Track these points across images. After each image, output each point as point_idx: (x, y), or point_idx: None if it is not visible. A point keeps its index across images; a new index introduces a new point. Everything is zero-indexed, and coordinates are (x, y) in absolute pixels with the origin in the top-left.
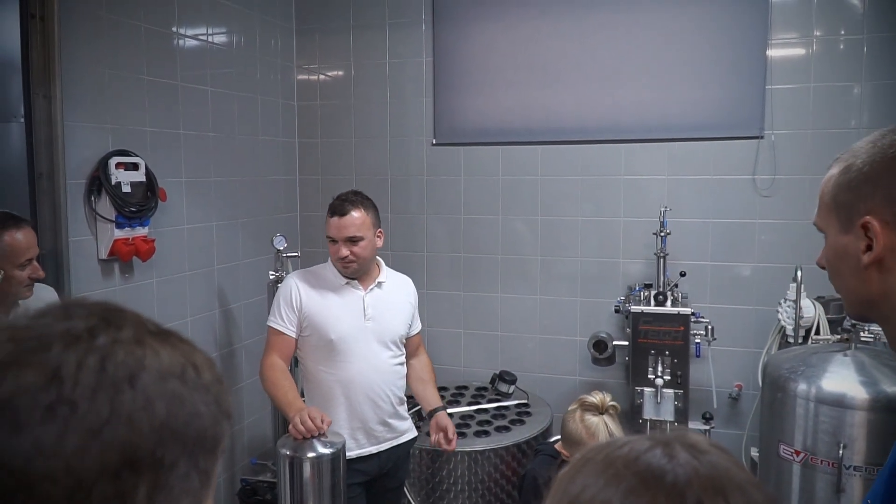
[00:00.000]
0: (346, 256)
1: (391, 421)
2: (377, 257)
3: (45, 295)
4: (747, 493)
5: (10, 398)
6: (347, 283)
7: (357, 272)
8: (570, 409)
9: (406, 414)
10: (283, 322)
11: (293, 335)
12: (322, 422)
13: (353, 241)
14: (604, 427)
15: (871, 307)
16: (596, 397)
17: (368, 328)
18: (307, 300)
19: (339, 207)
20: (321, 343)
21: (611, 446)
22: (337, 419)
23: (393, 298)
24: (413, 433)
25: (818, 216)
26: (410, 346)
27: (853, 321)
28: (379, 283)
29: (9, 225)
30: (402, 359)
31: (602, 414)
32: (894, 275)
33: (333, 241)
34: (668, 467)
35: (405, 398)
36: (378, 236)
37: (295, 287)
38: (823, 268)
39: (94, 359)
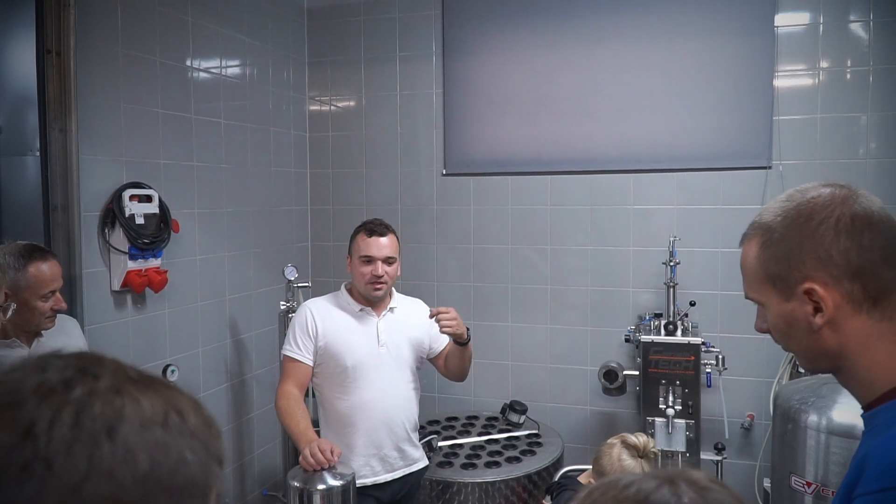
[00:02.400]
0: (383, 276)
1: (405, 447)
2: None
3: (68, 326)
4: None
5: None
6: (361, 310)
7: (383, 296)
8: (608, 442)
9: (418, 442)
10: (300, 350)
11: (309, 363)
12: (332, 453)
13: (389, 262)
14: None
15: (828, 360)
16: (639, 439)
17: (383, 354)
18: (323, 327)
19: (377, 228)
20: (337, 370)
21: (617, 487)
22: (353, 446)
23: (406, 323)
24: (425, 461)
25: (751, 291)
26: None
27: None
28: (391, 308)
29: (35, 256)
30: (416, 384)
31: (641, 458)
32: (844, 328)
33: (368, 261)
34: None
35: (418, 425)
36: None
37: (310, 314)
38: (764, 331)
39: (69, 412)
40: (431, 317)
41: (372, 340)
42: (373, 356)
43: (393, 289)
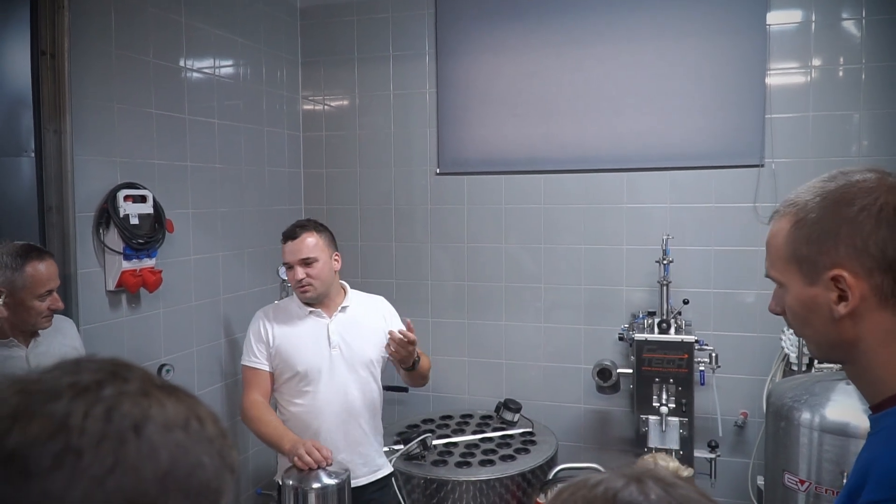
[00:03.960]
0: (303, 279)
1: (366, 452)
2: (342, 282)
3: (64, 326)
4: None
5: (19, 448)
6: (311, 313)
7: (316, 297)
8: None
9: (381, 447)
10: (258, 358)
11: (269, 369)
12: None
13: (307, 263)
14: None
15: (842, 350)
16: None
17: (335, 356)
18: (274, 334)
19: (290, 232)
20: (289, 375)
21: (587, 486)
22: None
23: (362, 322)
24: (388, 468)
25: (774, 269)
26: None
27: None
28: (343, 307)
29: (32, 256)
30: (376, 384)
31: None
32: (866, 321)
33: (289, 266)
34: None
35: (380, 428)
36: (335, 259)
37: (262, 321)
38: (778, 314)
39: (101, 409)
40: (393, 338)
41: (322, 343)
42: (324, 359)
43: (347, 286)
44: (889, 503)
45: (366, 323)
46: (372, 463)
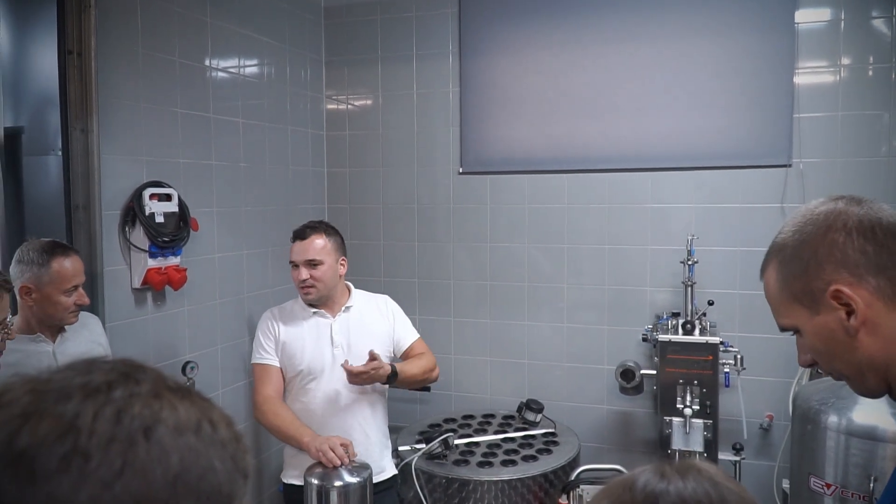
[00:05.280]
0: (306, 280)
1: (362, 451)
2: (347, 283)
3: (90, 322)
4: None
5: (27, 449)
6: (315, 313)
7: (317, 299)
8: None
9: (385, 450)
10: (269, 354)
11: (280, 365)
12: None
13: (312, 264)
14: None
15: (877, 372)
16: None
17: (338, 356)
18: (280, 330)
19: (300, 232)
20: (292, 374)
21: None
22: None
23: (365, 321)
24: (392, 471)
25: (781, 317)
26: (417, 353)
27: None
28: (347, 308)
29: (57, 252)
30: (378, 385)
31: None
32: (883, 328)
33: (294, 266)
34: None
35: (385, 429)
36: (341, 264)
37: (270, 319)
38: (811, 365)
39: (111, 410)
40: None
41: (325, 342)
42: (326, 358)
43: (351, 286)
44: None
45: (369, 322)
46: (374, 465)
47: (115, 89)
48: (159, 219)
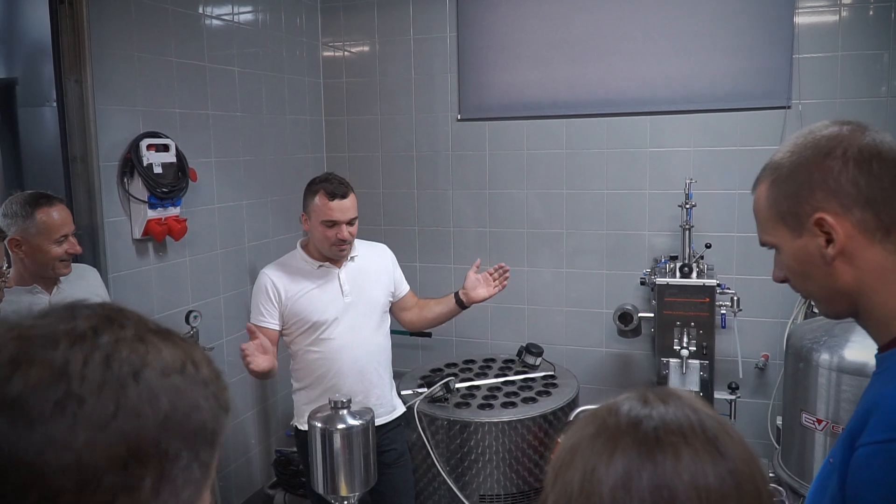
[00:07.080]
0: (347, 238)
1: (381, 393)
2: None
3: (87, 273)
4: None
5: (20, 394)
6: (321, 266)
7: (346, 256)
8: None
9: (393, 390)
10: (265, 316)
11: (276, 327)
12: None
13: (351, 223)
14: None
15: (846, 299)
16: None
17: (349, 304)
18: (284, 292)
19: (339, 190)
20: (306, 327)
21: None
22: (324, 394)
23: (370, 269)
24: (402, 409)
25: (765, 233)
26: (408, 305)
27: None
28: (352, 258)
29: (41, 203)
30: (386, 328)
31: None
32: (858, 259)
33: (332, 224)
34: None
35: (391, 371)
36: None
37: (270, 282)
38: (782, 281)
39: (100, 355)
40: (495, 272)
41: (335, 293)
42: (338, 308)
43: None
44: (891, 443)
45: (373, 269)
46: (388, 404)
47: (109, 39)
48: (157, 169)
